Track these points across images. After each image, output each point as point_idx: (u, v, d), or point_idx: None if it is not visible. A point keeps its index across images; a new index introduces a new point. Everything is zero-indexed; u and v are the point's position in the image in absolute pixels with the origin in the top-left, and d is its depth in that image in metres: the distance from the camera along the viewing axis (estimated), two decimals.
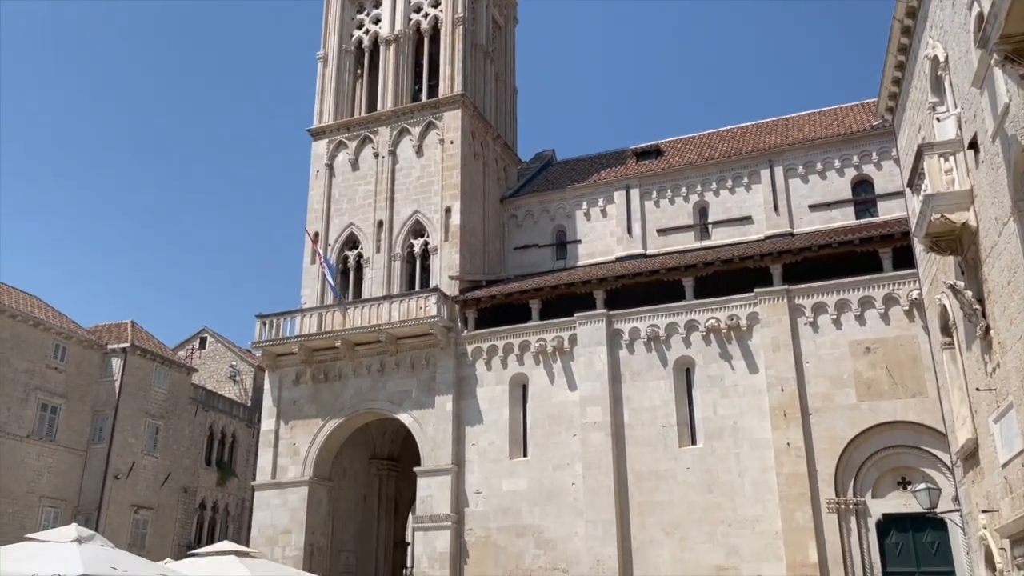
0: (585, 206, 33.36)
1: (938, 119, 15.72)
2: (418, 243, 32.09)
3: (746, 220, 30.71)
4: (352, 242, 33.31)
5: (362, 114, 35.25)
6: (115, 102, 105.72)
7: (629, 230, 32.06)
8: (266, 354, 31.20)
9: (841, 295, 24.73)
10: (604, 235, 32.66)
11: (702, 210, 31.66)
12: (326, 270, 31.69)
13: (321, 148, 34.88)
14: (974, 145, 13.74)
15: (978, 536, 15.74)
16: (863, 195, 29.67)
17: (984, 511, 15.05)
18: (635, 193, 32.45)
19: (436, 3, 35.22)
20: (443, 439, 28.20)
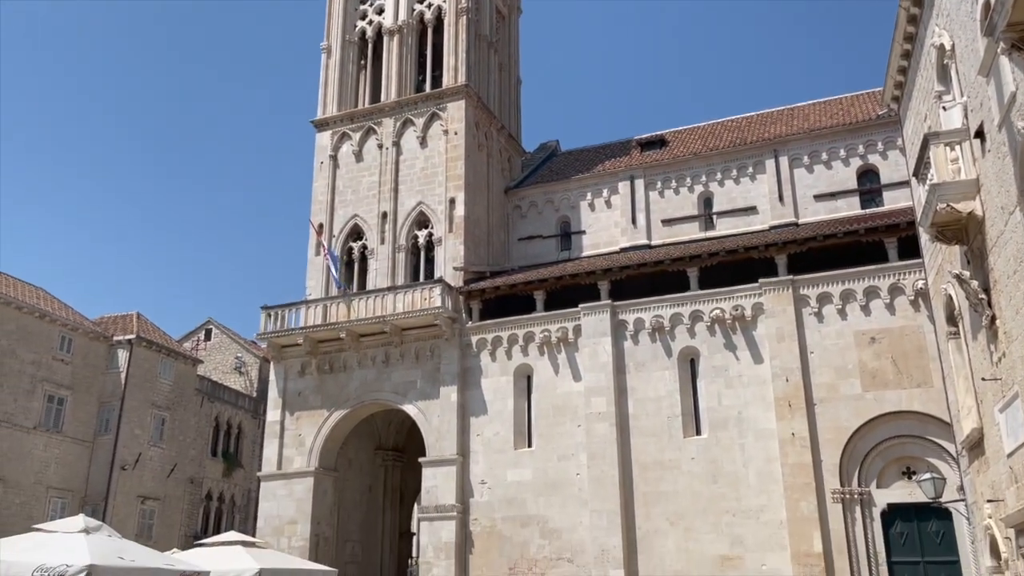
0: (589, 197, 33.30)
1: (944, 108, 15.65)
2: (422, 234, 32.09)
3: (751, 210, 30.64)
4: (356, 233, 33.32)
5: (366, 105, 35.20)
6: (119, 94, 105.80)
7: (634, 221, 32.02)
8: (271, 345, 31.27)
9: (846, 285, 24.68)
10: (608, 226, 32.62)
11: (707, 200, 31.59)
12: (330, 262, 31.73)
13: (325, 139, 34.85)
14: (980, 134, 13.68)
15: (983, 525, 15.75)
16: (868, 185, 29.57)
17: (989, 500, 15.06)
18: (640, 183, 32.39)
19: None
20: (448, 430, 28.26)
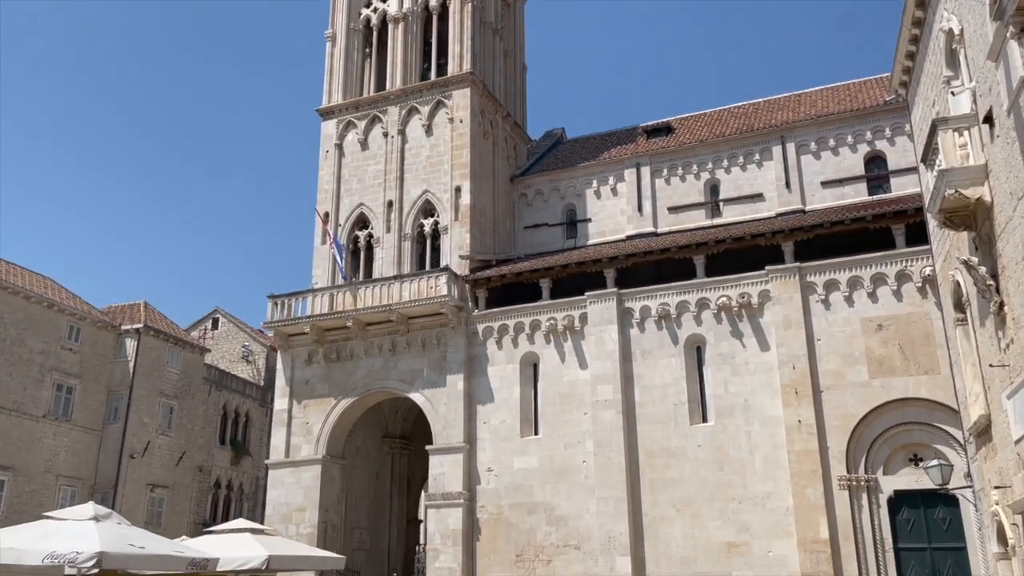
0: (595, 184, 33.21)
1: (953, 93, 15.53)
2: (428, 223, 32.07)
3: (757, 197, 30.53)
4: (362, 222, 33.32)
5: (371, 93, 35.10)
6: (125, 85, 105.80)
7: (640, 208, 31.94)
8: (278, 334, 31.35)
9: (853, 272, 24.60)
10: (615, 213, 32.54)
11: (713, 188, 31.49)
12: (335, 251, 31.75)
13: (330, 128, 34.80)
14: (989, 119, 13.57)
15: (990, 512, 15.74)
16: (876, 171, 29.42)
17: (996, 487, 15.05)
18: (646, 171, 32.29)
19: None
20: (455, 418, 28.34)
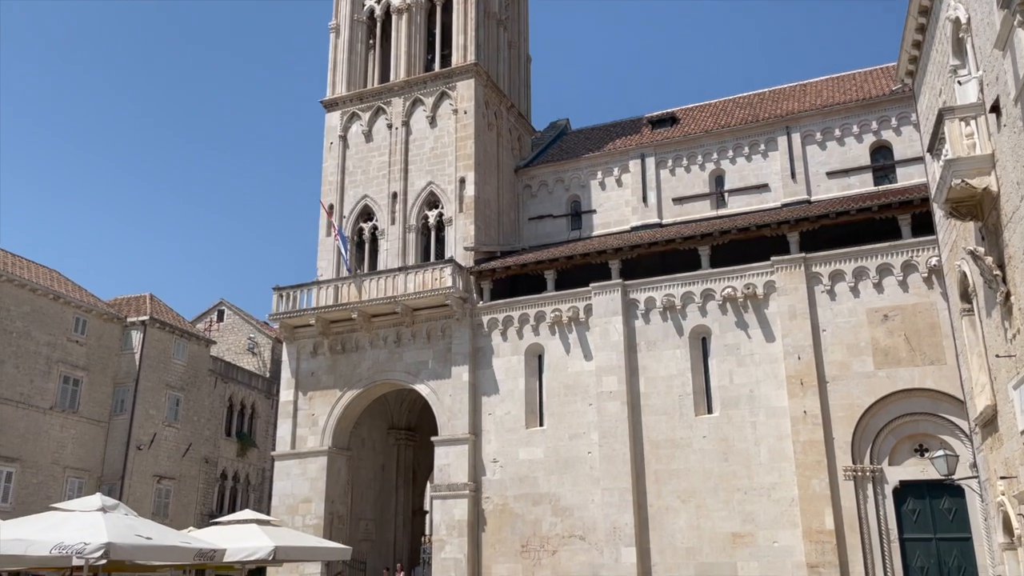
0: (600, 175, 33.15)
1: (959, 82, 15.46)
2: (432, 214, 32.05)
3: (763, 188, 30.45)
4: (367, 214, 33.32)
5: (375, 85, 35.04)
6: (130, 77, 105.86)
7: (644, 199, 31.88)
8: (283, 326, 31.41)
9: (859, 262, 24.54)
10: (619, 204, 32.48)
11: (718, 178, 31.40)
12: (340, 243, 31.76)
13: (334, 120, 34.75)
14: (996, 109, 13.51)
15: (996, 502, 15.74)
16: (882, 161, 29.30)
17: (1002, 477, 15.04)
18: (650, 162, 32.21)
19: None
20: (460, 409, 28.39)
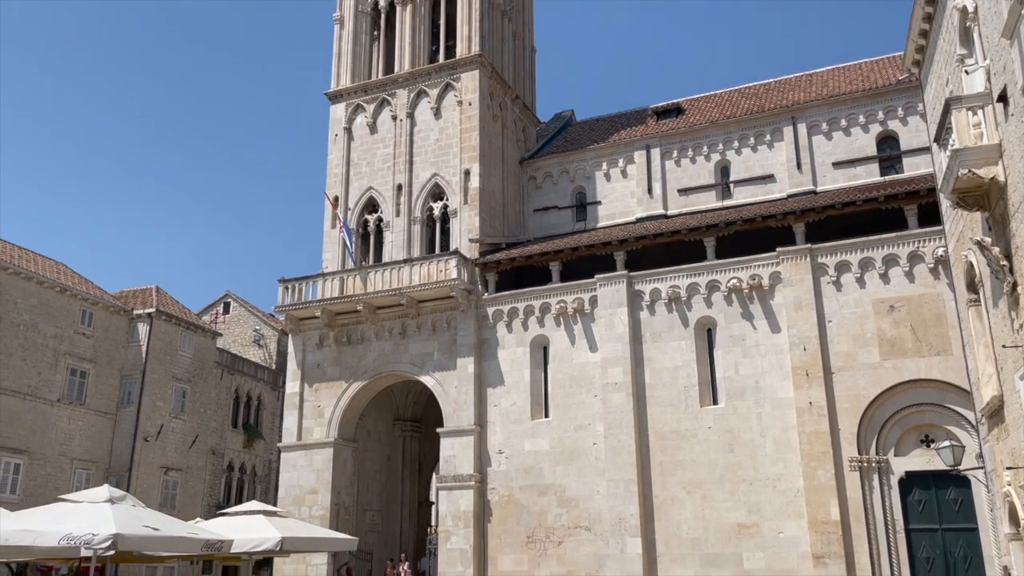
0: (605, 167, 33.08)
1: (966, 72, 15.36)
2: (437, 206, 32.04)
3: (768, 179, 30.37)
4: (372, 206, 33.32)
5: (379, 76, 34.98)
6: (135, 70, 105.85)
7: (650, 190, 31.81)
8: (289, 318, 31.47)
9: (865, 253, 24.47)
10: (624, 196, 32.42)
11: (724, 169, 31.32)
12: (345, 235, 31.77)
13: (339, 111, 34.73)
14: (1003, 98, 13.42)
15: (1002, 493, 15.71)
16: (888, 151, 29.19)
17: (1009, 468, 15.00)
18: (656, 153, 32.13)
19: None
20: (465, 400, 28.44)
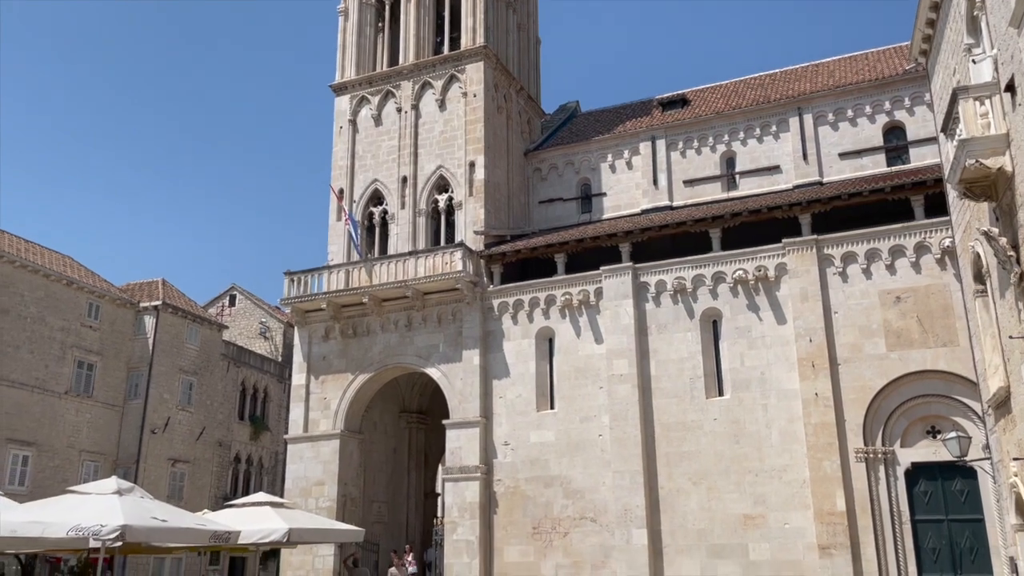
0: (610, 158, 33.01)
1: (974, 61, 15.28)
2: (442, 198, 32.02)
3: (774, 170, 30.26)
4: (377, 198, 33.32)
5: (384, 68, 34.90)
6: (141, 62, 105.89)
7: (655, 182, 31.74)
8: (295, 310, 31.52)
9: (871, 244, 24.39)
10: (630, 187, 32.36)
11: (729, 160, 31.21)
12: (351, 227, 31.79)
13: (344, 104, 34.70)
14: (1011, 88, 13.34)
15: (1008, 484, 15.69)
16: (895, 142, 29.05)
17: (1015, 459, 14.97)
18: (661, 144, 32.03)
19: None
20: (471, 392, 28.48)
